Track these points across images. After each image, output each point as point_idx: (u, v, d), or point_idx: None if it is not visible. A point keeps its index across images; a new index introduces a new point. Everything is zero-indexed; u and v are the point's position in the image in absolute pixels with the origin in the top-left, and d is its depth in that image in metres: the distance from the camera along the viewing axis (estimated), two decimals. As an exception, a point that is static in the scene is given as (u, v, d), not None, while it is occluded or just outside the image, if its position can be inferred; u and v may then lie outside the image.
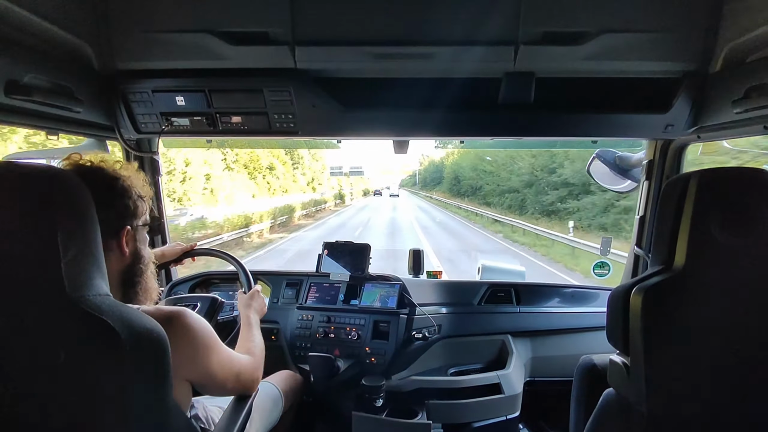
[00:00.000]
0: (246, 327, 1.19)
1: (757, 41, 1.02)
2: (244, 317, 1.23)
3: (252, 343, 1.12)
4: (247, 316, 1.23)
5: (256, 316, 1.25)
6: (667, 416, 0.77)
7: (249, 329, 1.18)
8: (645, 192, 1.59)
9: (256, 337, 1.15)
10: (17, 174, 0.59)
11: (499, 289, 1.81)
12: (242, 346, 1.10)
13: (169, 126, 1.38)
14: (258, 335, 1.17)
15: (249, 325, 1.20)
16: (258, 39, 1.18)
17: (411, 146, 1.57)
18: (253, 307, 1.26)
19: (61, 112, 1.12)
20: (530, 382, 1.72)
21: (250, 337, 1.14)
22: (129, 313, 0.62)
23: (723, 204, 0.73)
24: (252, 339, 1.14)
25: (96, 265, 0.63)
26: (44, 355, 0.58)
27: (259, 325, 1.23)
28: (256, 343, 1.12)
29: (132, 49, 1.21)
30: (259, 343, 1.14)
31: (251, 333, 1.17)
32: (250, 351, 1.07)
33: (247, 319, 1.21)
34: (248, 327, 1.19)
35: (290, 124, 1.37)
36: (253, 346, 1.10)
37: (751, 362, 0.75)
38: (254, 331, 1.17)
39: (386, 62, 1.22)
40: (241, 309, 1.28)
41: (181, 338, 0.75)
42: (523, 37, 1.15)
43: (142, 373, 0.62)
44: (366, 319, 1.66)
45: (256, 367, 1.04)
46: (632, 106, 1.32)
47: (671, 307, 0.75)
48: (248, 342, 1.12)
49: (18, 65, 0.95)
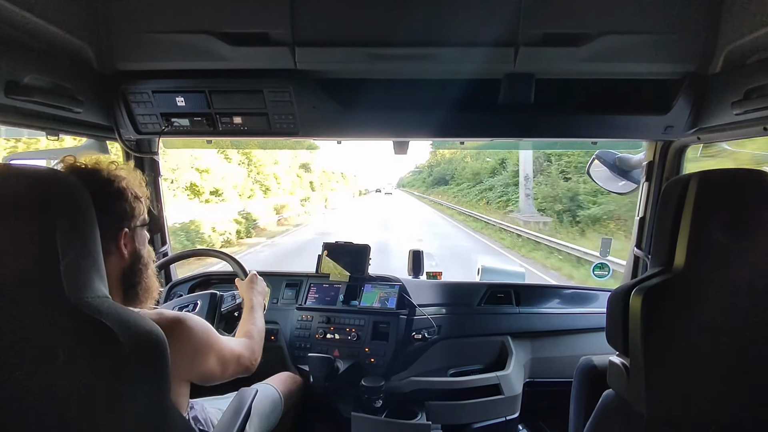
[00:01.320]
0: (248, 310, 1.21)
1: (757, 43, 1.02)
2: (247, 300, 1.25)
3: (252, 325, 1.15)
4: (249, 299, 1.25)
5: (259, 297, 1.28)
6: (667, 418, 0.77)
7: (251, 312, 1.21)
8: (645, 193, 1.59)
9: (258, 320, 1.18)
10: (16, 175, 0.59)
11: (498, 290, 1.81)
12: (242, 328, 1.14)
13: (169, 127, 1.38)
14: (260, 318, 1.20)
15: (251, 308, 1.22)
16: (258, 40, 1.18)
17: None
18: (255, 290, 1.29)
19: (62, 112, 1.12)
20: (530, 383, 1.72)
21: (251, 320, 1.17)
22: (127, 315, 0.62)
23: (723, 205, 0.73)
24: (253, 321, 1.16)
25: (95, 266, 0.63)
26: (43, 357, 0.58)
27: (262, 306, 1.27)
28: (257, 324, 1.16)
29: (132, 50, 1.21)
30: (260, 324, 1.17)
31: (253, 316, 1.19)
32: (249, 333, 1.10)
33: (250, 302, 1.24)
34: (251, 310, 1.21)
35: (290, 124, 1.37)
36: (252, 328, 1.13)
37: (752, 363, 0.75)
38: (256, 315, 1.20)
39: (386, 63, 1.23)
40: (243, 294, 1.30)
41: (183, 342, 0.76)
42: (523, 38, 1.15)
43: (140, 374, 0.62)
44: (365, 319, 1.66)
45: (255, 348, 1.06)
46: (632, 108, 1.32)
47: (671, 309, 0.75)
48: (248, 324, 1.15)
49: (18, 66, 0.95)
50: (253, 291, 1.28)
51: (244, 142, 4.41)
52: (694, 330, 0.75)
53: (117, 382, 0.59)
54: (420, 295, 1.74)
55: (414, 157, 64.13)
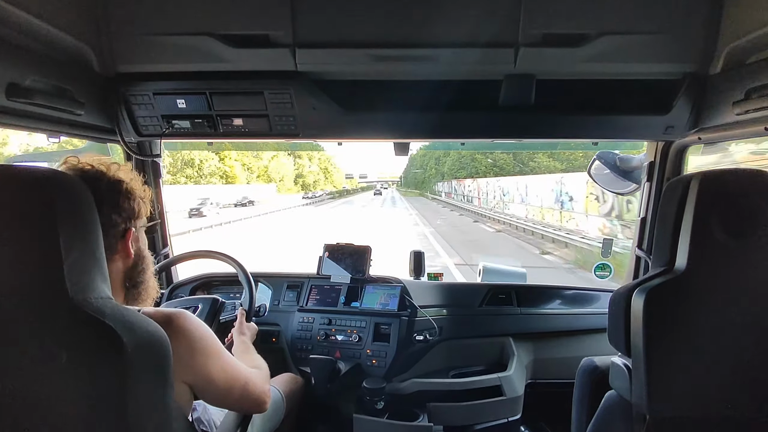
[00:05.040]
0: (245, 351, 1.20)
1: (758, 42, 1.02)
2: (240, 342, 1.24)
3: (256, 361, 1.13)
4: (242, 341, 1.25)
5: (249, 341, 1.28)
6: (669, 418, 0.77)
7: (249, 353, 1.20)
8: (646, 194, 1.59)
9: (257, 358, 1.16)
10: (19, 177, 0.59)
11: (500, 291, 1.81)
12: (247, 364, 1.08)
13: (170, 128, 1.38)
14: (258, 356, 1.18)
15: (248, 349, 1.22)
16: (259, 41, 1.18)
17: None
18: (247, 335, 1.30)
19: (63, 114, 1.12)
20: (532, 384, 1.71)
21: (252, 358, 1.15)
22: (131, 317, 0.62)
23: (724, 205, 0.73)
24: (254, 360, 1.14)
25: (98, 267, 0.63)
26: (46, 357, 0.58)
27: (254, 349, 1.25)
28: (260, 362, 1.13)
29: (133, 52, 1.21)
30: (263, 361, 1.14)
31: (251, 355, 1.18)
32: (257, 366, 1.07)
33: (245, 345, 1.24)
34: (248, 350, 1.21)
35: (291, 126, 1.37)
36: (258, 362, 1.11)
37: (754, 363, 0.75)
38: (254, 355, 1.19)
39: (387, 65, 1.23)
40: (236, 334, 1.29)
41: (178, 339, 0.74)
42: (523, 39, 1.15)
43: (143, 376, 0.62)
44: (367, 321, 1.66)
45: (264, 380, 1.01)
46: (633, 108, 1.32)
47: (673, 309, 0.75)
48: (252, 361, 1.12)
49: (19, 68, 0.95)
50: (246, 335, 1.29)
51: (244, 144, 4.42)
52: (696, 330, 0.75)
53: (120, 383, 0.59)
54: (421, 297, 1.74)
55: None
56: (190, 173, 33.69)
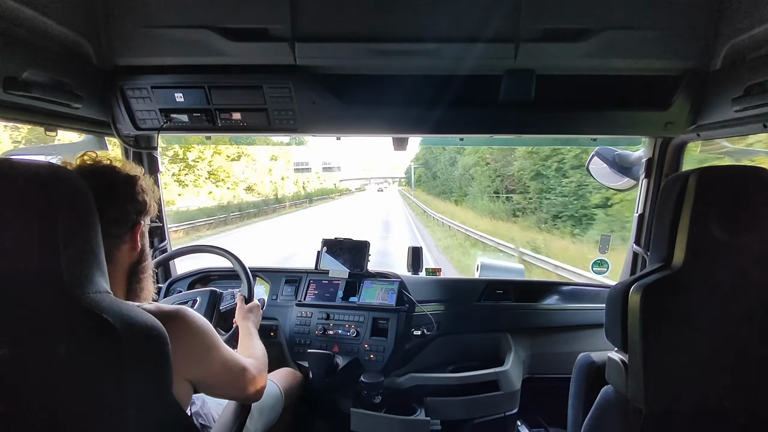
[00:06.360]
0: (247, 337, 1.20)
1: (757, 39, 1.02)
2: (244, 327, 1.24)
3: (254, 349, 1.13)
4: (246, 327, 1.25)
5: (254, 328, 1.28)
6: (665, 413, 0.78)
7: (250, 338, 1.20)
8: (644, 190, 1.59)
9: (258, 345, 1.17)
10: (16, 171, 0.58)
11: (497, 287, 1.81)
12: (245, 352, 1.11)
13: (168, 122, 1.37)
14: (259, 343, 1.19)
15: (249, 335, 1.22)
16: (258, 35, 1.17)
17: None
18: (251, 320, 1.29)
19: (60, 108, 1.11)
20: (529, 378, 1.73)
21: (252, 345, 1.16)
22: (129, 311, 0.62)
23: (722, 202, 0.73)
24: (254, 346, 1.15)
25: (96, 262, 0.63)
26: (44, 351, 0.58)
27: (257, 334, 1.25)
28: (258, 349, 1.14)
29: (131, 45, 1.20)
30: (261, 348, 1.15)
31: (252, 342, 1.18)
32: (254, 356, 1.08)
33: (247, 330, 1.23)
34: (249, 336, 1.21)
35: (290, 120, 1.37)
36: (255, 351, 1.12)
37: (750, 358, 0.75)
38: (255, 341, 1.19)
39: (386, 59, 1.22)
40: (239, 320, 1.29)
41: (181, 336, 0.75)
42: (523, 34, 1.15)
43: (141, 370, 0.62)
44: (365, 316, 1.66)
45: (261, 368, 1.03)
46: (632, 104, 1.32)
47: (670, 305, 0.76)
48: (250, 349, 1.13)
49: (16, 61, 0.94)
50: (250, 320, 1.29)
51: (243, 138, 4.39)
52: (692, 326, 0.75)
53: (118, 377, 0.59)
54: (419, 292, 1.74)
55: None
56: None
